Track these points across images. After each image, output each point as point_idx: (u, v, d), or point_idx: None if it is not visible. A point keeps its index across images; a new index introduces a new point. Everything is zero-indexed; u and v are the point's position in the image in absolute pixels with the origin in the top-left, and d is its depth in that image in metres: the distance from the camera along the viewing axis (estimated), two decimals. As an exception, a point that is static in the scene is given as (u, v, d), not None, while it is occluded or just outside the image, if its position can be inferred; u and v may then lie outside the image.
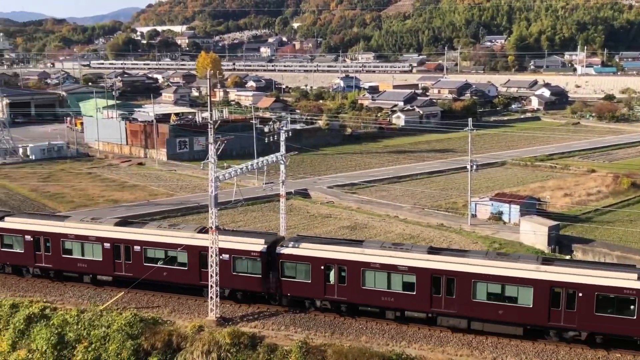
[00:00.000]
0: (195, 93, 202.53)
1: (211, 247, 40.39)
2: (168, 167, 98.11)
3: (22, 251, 47.72)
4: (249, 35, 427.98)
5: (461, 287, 38.82)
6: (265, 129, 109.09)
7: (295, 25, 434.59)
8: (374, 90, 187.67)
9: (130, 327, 39.72)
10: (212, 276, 40.36)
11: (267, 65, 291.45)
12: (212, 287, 40.48)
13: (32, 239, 47.42)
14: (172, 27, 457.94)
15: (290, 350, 37.23)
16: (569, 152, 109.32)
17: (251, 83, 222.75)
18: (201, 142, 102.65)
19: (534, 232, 58.01)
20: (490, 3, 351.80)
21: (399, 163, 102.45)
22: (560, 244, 57.63)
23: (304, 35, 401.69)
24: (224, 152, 43.90)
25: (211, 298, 40.76)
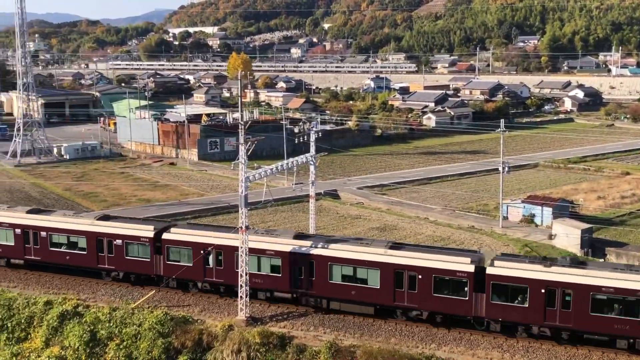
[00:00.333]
0: (226, 94, 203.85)
1: (241, 247, 40.56)
2: (199, 167, 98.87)
3: None
4: (279, 36, 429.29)
5: (320, 270, 41.56)
6: (295, 129, 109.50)
7: (326, 26, 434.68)
8: (404, 91, 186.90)
9: (161, 326, 40.08)
10: (242, 276, 40.54)
11: (298, 66, 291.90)
12: (241, 286, 40.67)
13: None
14: (204, 29, 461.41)
15: (319, 350, 37.25)
16: (602, 154, 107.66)
17: (281, 84, 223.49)
18: (232, 143, 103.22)
19: (566, 235, 57.26)
20: (523, 3, 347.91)
21: (430, 164, 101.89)
22: (594, 247, 56.80)
23: (335, 36, 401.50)
24: (254, 153, 44.13)
25: (241, 298, 40.96)
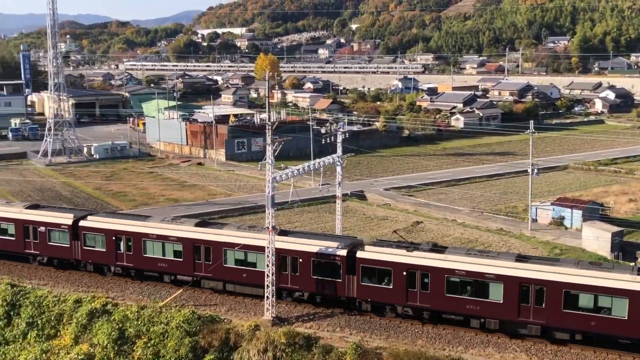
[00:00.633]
0: (254, 94, 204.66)
1: (268, 247, 40.65)
2: (226, 168, 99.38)
3: None
4: (307, 37, 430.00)
5: (216, 254, 44.89)
6: (322, 130, 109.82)
7: (354, 26, 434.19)
8: (432, 91, 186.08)
9: (188, 325, 40.32)
10: (269, 275, 40.63)
11: (324, 67, 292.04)
12: (268, 286, 40.76)
13: None
14: (232, 30, 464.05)
15: (345, 352, 37.17)
16: (634, 157, 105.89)
17: (309, 85, 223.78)
18: (259, 143, 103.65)
19: (596, 238, 56.46)
20: (553, 3, 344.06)
21: (458, 166, 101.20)
22: (624, 251, 55.94)
23: (362, 36, 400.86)
24: (281, 153, 44.22)
25: (267, 298, 41.06)
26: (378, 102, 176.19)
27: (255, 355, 38.21)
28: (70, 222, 49.47)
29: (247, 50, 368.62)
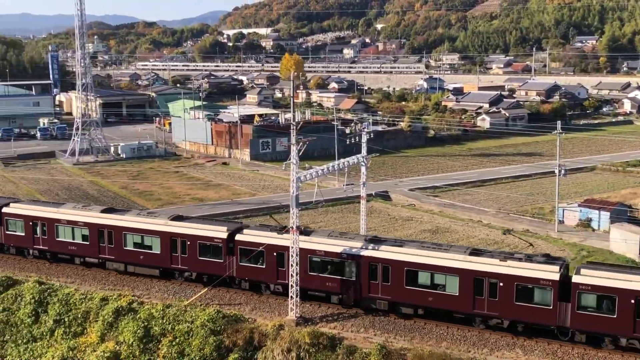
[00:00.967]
0: (279, 94, 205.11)
1: (292, 247, 40.69)
2: (251, 167, 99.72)
3: None
4: (332, 37, 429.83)
5: (117, 238, 48.77)
6: (347, 130, 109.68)
7: (379, 26, 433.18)
8: (458, 91, 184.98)
9: (213, 323, 40.49)
10: (292, 276, 40.67)
11: (352, 67, 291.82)
12: (292, 286, 40.79)
13: None
14: (257, 30, 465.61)
15: (370, 352, 37.07)
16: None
17: (333, 84, 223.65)
18: (283, 143, 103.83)
19: (624, 241, 55.64)
20: (581, 3, 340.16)
21: (484, 166, 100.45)
22: (654, 254, 55.03)
23: (388, 36, 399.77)
24: (306, 153, 44.21)
25: (291, 297, 41.09)
26: (403, 102, 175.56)
27: (279, 355, 38.26)
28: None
29: (272, 51, 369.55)
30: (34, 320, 45.22)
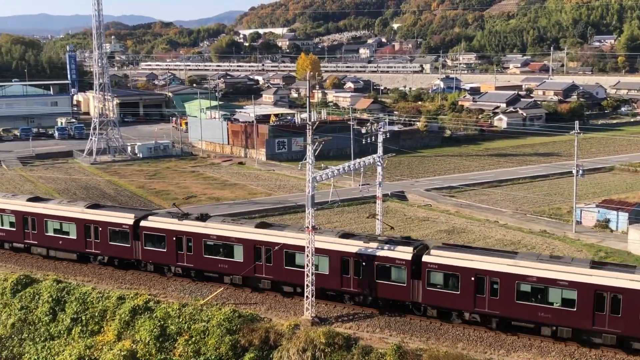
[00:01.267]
0: (295, 94, 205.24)
1: (307, 247, 40.68)
2: (267, 167, 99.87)
3: None
4: (348, 37, 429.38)
5: (40, 225, 52.34)
6: (363, 130, 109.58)
7: (395, 26, 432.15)
8: (475, 91, 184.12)
9: (228, 323, 40.59)
10: (308, 275, 40.67)
11: (366, 66, 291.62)
12: (307, 286, 40.79)
13: None
14: (274, 30, 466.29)
15: (385, 353, 36.98)
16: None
17: (349, 84, 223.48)
18: (299, 143, 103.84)
19: (644, 242, 55.13)
20: (599, 2, 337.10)
21: (500, 166, 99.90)
22: (673, 255, 54.46)
23: (404, 36, 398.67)
24: (321, 153, 44.17)
25: (307, 297, 41.09)
26: (419, 102, 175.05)
27: (294, 355, 38.28)
28: None
29: (288, 50, 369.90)
30: (51, 318, 45.58)
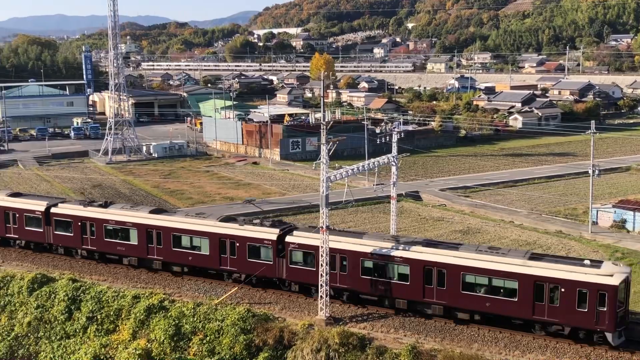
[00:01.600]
0: (309, 94, 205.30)
1: (321, 247, 40.67)
2: (281, 167, 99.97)
3: None
4: (362, 37, 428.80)
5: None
6: (377, 130, 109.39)
7: (410, 25, 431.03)
8: (490, 91, 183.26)
9: (243, 322, 40.64)
10: (322, 275, 40.64)
11: (383, 66, 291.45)
12: (322, 286, 40.76)
13: None
14: (288, 30, 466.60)
15: (400, 353, 36.88)
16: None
17: (363, 84, 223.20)
18: (313, 143, 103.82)
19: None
20: (615, 1, 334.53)
21: (516, 166, 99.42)
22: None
23: (418, 35, 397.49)
24: (336, 153, 44.18)
25: (321, 297, 41.06)
26: (434, 102, 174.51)
27: (308, 354, 38.27)
28: None
29: (302, 50, 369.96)
30: (67, 317, 45.86)
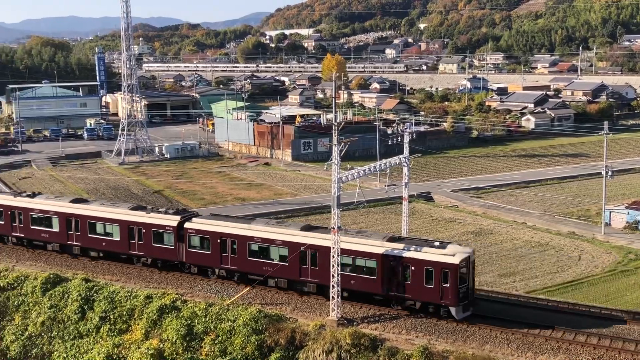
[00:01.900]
0: (320, 95, 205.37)
1: (333, 248, 40.67)
2: (292, 168, 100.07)
3: None
4: (374, 37, 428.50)
5: None
6: (389, 130, 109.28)
7: (422, 26, 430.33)
8: (502, 91, 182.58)
9: (255, 323, 40.69)
10: (334, 276, 40.65)
11: (393, 67, 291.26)
12: (333, 287, 40.77)
13: None
14: (300, 31, 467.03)
15: (411, 354, 36.81)
16: None
17: (375, 85, 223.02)
18: (325, 144, 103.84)
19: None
20: (629, 1, 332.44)
21: (528, 167, 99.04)
22: None
23: (430, 36, 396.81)
24: (347, 154, 44.16)
25: (333, 298, 41.07)
26: (446, 102, 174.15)
27: (320, 355, 38.28)
28: None
29: (314, 51, 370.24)
30: (80, 317, 46.08)
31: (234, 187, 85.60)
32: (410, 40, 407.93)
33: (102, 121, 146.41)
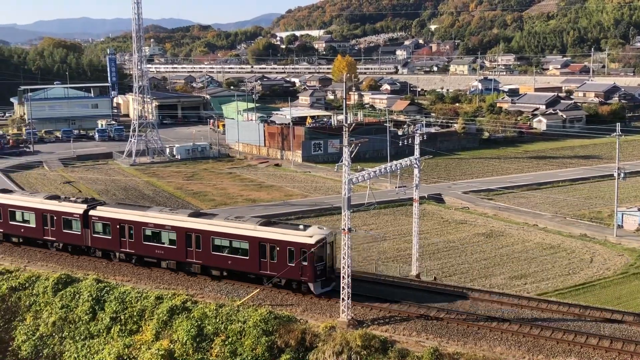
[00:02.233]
0: (331, 96, 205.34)
1: (343, 249, 40.59)
2: (303, 169, 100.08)
3: None
4: (385, 38, 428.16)
5: None
6: (400, 132, 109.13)
7: (433, 27, 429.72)
8: (513, 93, 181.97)
9: (265, 324, 40.69)
10: (344, 278, 40.57)
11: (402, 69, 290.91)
12: (343, 288, 40.69)
13: None
14: (310, 32, 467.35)
15: (422, 356, 36.68)
16: None
17: (386, 86, 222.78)
18: (335, 145, 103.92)
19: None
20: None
21: (540, 169, 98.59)
22: None
23: (441, 37, 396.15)
24: (358, 155, 44.07)
25: (343, 299, 40.99)
26: (457, 104, 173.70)
27: (330, 357, 38.22)
28: None
29: (324, 52, 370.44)
30: (91, 317, 46.22)
31: (244, 188, 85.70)
32: (421, 41, 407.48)
33: (114, 122, 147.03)
